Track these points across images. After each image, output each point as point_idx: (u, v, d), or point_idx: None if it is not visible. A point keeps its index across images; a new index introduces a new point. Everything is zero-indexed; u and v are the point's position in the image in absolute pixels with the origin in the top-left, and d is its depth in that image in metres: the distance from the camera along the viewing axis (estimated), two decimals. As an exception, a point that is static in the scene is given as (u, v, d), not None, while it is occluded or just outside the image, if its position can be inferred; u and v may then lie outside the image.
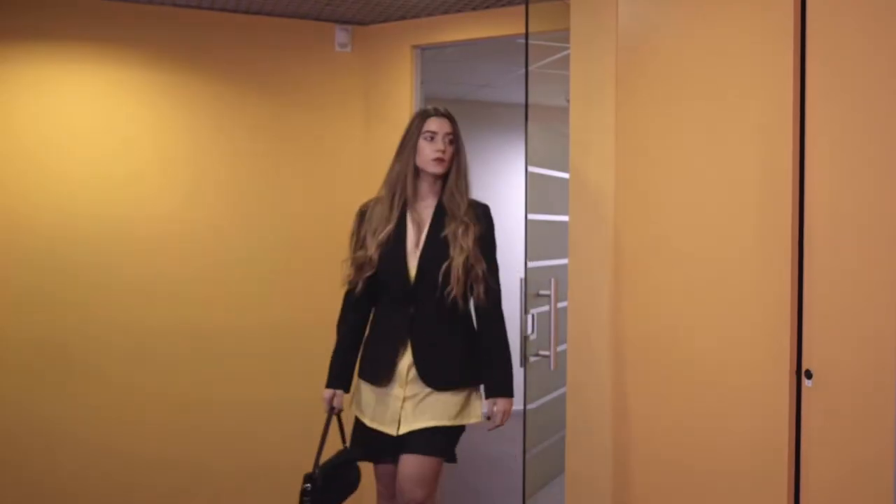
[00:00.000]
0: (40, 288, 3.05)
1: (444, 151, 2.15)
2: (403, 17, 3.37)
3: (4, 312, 3.01)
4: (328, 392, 2.25)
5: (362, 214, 2.25)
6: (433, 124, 2.18)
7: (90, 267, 3.11)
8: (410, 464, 2.07)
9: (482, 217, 2.17)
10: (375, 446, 2.18)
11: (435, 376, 2.12)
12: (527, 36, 2.60)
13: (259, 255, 3.38)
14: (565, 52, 2.45)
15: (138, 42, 3.18)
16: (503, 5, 3.16)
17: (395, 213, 2.17)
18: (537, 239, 2.68)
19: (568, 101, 2.39)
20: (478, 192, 2.23)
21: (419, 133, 2.18)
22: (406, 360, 2.12)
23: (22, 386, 3.02)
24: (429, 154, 2.16)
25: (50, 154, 3.07)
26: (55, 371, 3.06)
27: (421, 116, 2.21)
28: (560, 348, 2.49)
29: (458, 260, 2.09)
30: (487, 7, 3.20)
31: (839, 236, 1.49)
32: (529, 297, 2.61)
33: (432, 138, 2.16)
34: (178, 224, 3.25)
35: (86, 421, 3.09)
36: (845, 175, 1.48)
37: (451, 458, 2.16)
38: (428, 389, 2.10)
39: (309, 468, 2.17)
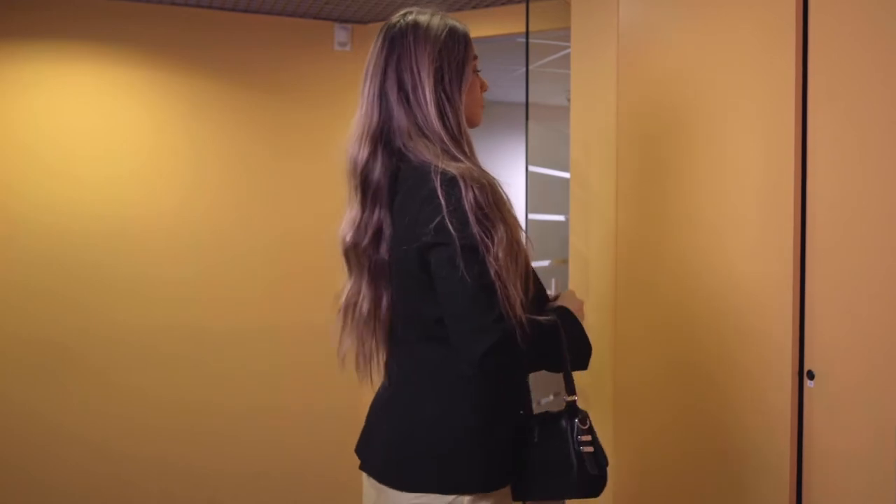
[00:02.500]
0: (40, 287, 3.04)
1: None
2: (403, 16, 3.36)
3: (3, 311, 3.00)
4: None
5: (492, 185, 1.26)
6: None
7: (90, 266, 3.10)
8: None
9: None
10: None
11: None
12: (527, 35, 2.59)
13: (259, 254, 3.37)
14: (566, 51, 2.44)
15: (137, 40, 3.18)
16: (503, 4, 3.15)
17: None
18: (538, 239, 2.67)
19: (569, 99, 2.38)
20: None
21: (470, 61, 1.37)
22: None
23: (22, 385, 3.01)
24: (479, 97, 1.40)
25: (49, 153, 3.06)
26: (55, 371, 3.05)
27: (465, 34, 1.39)
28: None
29: None
30: (488, 6, 3.19)
31: (842, 236, 1.48)
32: (530, 297, 2.60)
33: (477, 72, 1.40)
34: (178, 223, 3.25)
35: (86, 420, 3.08)
36: (848, 174, 1.47)
37: None
38: None
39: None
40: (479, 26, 3.21)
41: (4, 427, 2.99)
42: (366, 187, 1.34)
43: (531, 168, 2.71)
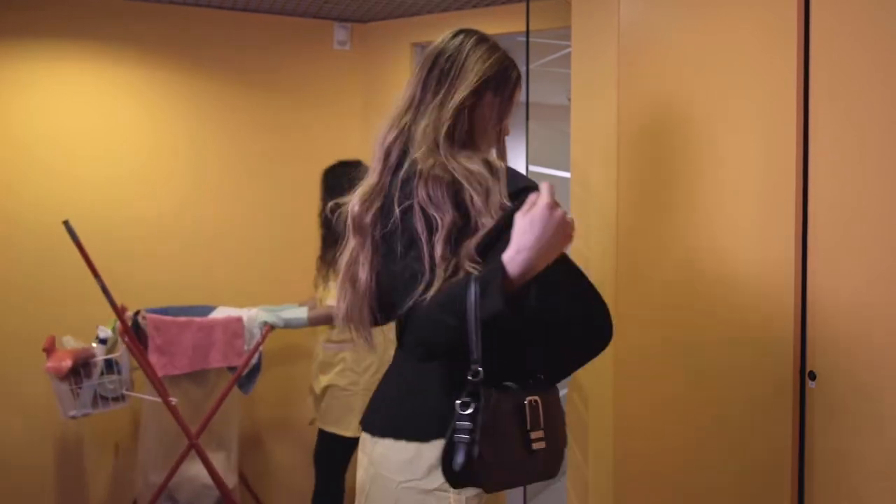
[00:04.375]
0: (40, 288, 3.03)
1: None
2: (403, 15, 3.35)
3: (3, 312, 3.00)
4: None
5: None
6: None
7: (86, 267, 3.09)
8: None
9: None
10: None
11: None
12: (528, 34, 2.58)
13: (259, 253, 3.36)
14: (566, 51, 2.44)
15: (136, 40, 3.17)
16: (504, 3, 3.14)
17: None
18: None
19: (569, 99, 2.37)
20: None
21: (513, 95, 1.49)
22: None
23: (22, 385, 3.00)
24: (504, 132, 1.51)
25: (48, 153, 3.06)
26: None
27: (519, 77, 1.50)
28: (561, 349, 2.47)
29: None
30: (488, 5, 3.18)
31: (843, 235, 1.47)
32: (530, 297, 2.59)
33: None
34: (178, 223, 3.24)
35: (85, 420, 3.08)
36: (849, 174, 1.46)
37: None
38: None
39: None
40: (480, 25, 3.17)
41: (4, 427, 2.99)
42: (386, 159, 1.42)
43: (531, 168, 2.71)
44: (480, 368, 1.18)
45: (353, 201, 1.42)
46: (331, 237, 2.82)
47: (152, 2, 3.16)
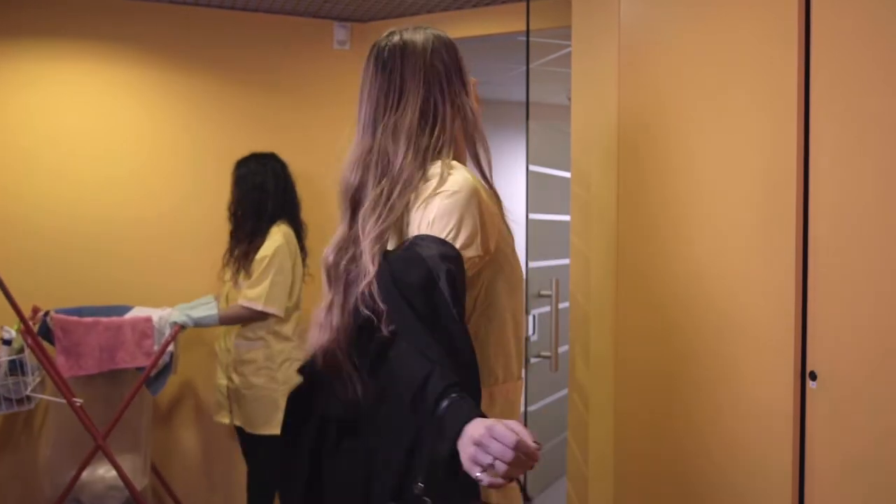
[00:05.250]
0: (38, 290, 3.02)
1: None
2: (403, 15, 3.35)
3: (3, 314, 2.99)
4: None
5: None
6: None
7: (88, 268, 3.09)
8: None
9: None
10: None
11: None
12: (528, 33, 2.58)
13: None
14: (567, 50, 2.43)
15: (136, 39, 3.17)
16: (504, 2, 3.14)
17: None
18: (538, 239, 2.67)
19: (569, 98, 2.37)
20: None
21: (464, 63, 1.46)
22: None
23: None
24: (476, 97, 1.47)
25: (46, 154, 3.05)
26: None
27: (451, 41, 1.46)
28: (562, 349, 2.47)
29: None
30: (488, 4, 3.18)
31: (844, 235, 1.47)
32: (531, 297, 2.60)
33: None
34: (177, 223, 3.24)
35: None
36: (850, 174, 1.46)
37: None
38: None
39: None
40: (480, 25, 3.20)
41: (5, 429, 2.98)
42: (355, 208, 1.39)
43: (532, 167, 2.70)
44: None
45: (326, 252, 1.39)
46: (240, 231, 2.84)
47: (152, 1, 3.16)
